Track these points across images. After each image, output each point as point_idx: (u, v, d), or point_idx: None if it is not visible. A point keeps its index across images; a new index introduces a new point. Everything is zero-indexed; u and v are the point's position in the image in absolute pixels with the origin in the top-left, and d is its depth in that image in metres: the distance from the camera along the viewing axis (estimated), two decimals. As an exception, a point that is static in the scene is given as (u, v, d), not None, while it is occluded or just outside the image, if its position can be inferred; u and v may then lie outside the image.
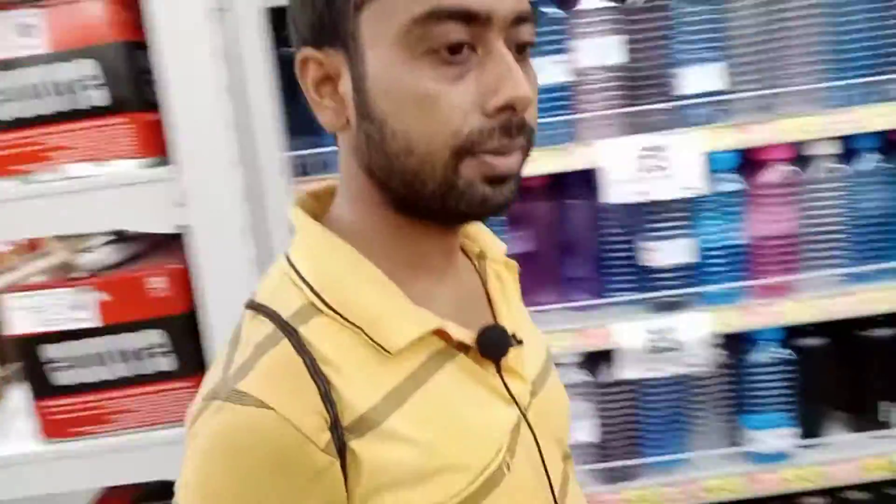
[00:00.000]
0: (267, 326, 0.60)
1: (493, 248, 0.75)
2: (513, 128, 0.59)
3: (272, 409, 0.55)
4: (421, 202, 0.61)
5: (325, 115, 0.63)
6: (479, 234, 0.76)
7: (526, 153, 0.62)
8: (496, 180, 0.60)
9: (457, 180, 0.59)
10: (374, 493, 0.57)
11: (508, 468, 0.63)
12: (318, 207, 0.70)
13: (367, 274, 0.63)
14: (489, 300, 0.72)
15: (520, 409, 0.66)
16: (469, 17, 0.56)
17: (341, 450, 0.57)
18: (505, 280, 0.74)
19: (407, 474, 0.58)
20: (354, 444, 0.57)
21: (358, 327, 0.60)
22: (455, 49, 0.56)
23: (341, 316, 0.61)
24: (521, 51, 0.61)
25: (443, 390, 0.62)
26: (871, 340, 1.51)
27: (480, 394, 0.64)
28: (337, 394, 0.57)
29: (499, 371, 0.65)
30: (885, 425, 1.51)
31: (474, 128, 0.57)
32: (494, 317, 0.70)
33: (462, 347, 0.64)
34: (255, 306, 0.63)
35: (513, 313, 0.71)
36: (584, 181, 1.43)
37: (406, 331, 0.61)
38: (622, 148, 1.37)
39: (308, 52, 0.62)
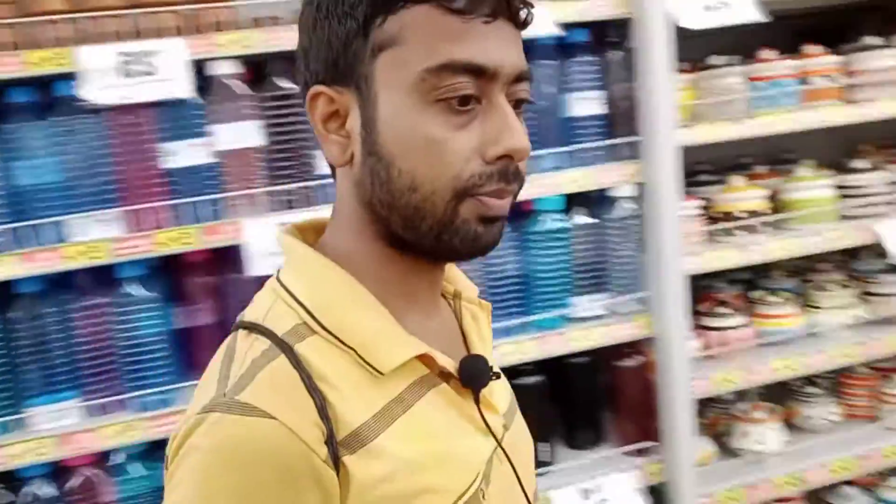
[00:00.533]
0: (263, 343, 0.62)
1: (467, 289, 0.80)
2: (509, 174, 0.64)
3: (276, 419, 0.56)
4: (417, 237, 0.65)
5: (331, 149, 0.67)
6: (456, 276, 0.80)
7: (515, 199, 0.68)
8: (488, 220, 0.65)
9: (455, 218, 0.64)
10: None
11: (484, 496, 0.66)
12: (306, 238, 0.72)
13: (361, 298, 0.66)
14: (464, 338, 0.76)
15: (496, 439, 0.70)
16: (479, 72, 0.61)
17: (336, 464, 0.59)
18: (479, 319, 0.78)
19: (392, 493, 0.60)
20: (346, 459, 0.59)
21: (351, 348, 0.63)
22: (464, 101, 0.62)
23: (335, 337, 0.63)
24: (518, 106, 0.66)
25: (427, 415, 0.65)
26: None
27: (459, 422, 0.68)
28: (332, 409, 0.60)
29: (476, 402, 0.68)
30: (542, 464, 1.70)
31: (475, 172, 0.63)
32: (468, 354, 0.73)
33: (444, 377, 0.68)
34: (247, 325, 0.64)
35: (487, 351, 0.76)
36: (234, 257, 1.49)
37: (397, 353, 0.64)
38: (265, 225, 1.47)
39: (320, 88, 0.66)
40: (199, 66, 1.45)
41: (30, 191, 1.44)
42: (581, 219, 1.74)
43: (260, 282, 0.71)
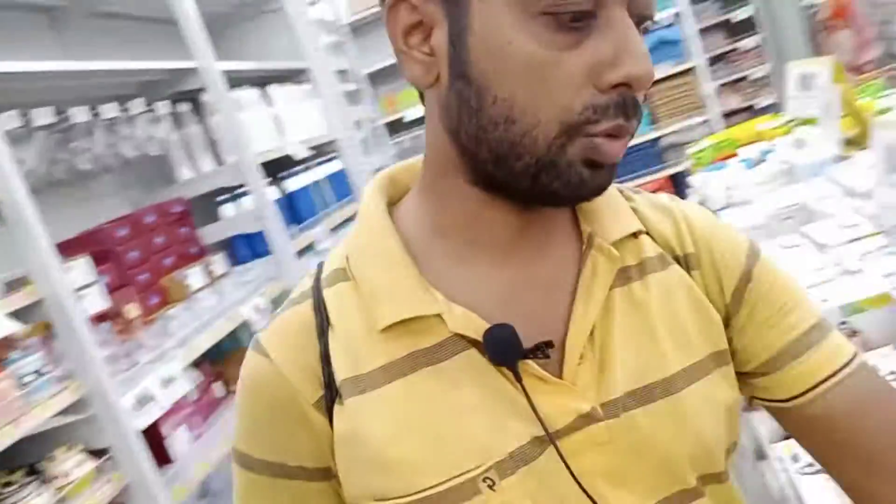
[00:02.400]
0: (307, 283, 0.65)
1: (608, 229, 0.62)
2: (629, 107, 0.52)
3: (271, 359, 0.61)
4: (508, 177, 0.55)
5: (412, 68, 0.56)
6: (598, 211, 0.64)
7: (630, 139, 0.55)
8: (597, 165, 0.53)
9: (559, 158, 0.52)
10: (344, 463, 0.60)
11: (493, 487, 0.56)
12: (403, 178, 0.67)
13: (385, 247, 0.61)
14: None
15: (545, 428, 0.56)
16: None
17: (331, 409, 0.60)
18: (599, 272, 0.61)
19: (364, 455, 0.58)
20: (336, 408, 0.59)
21: (364, 295, 0.61)
22: (578, 16, 0.50)
23: (358, 284, 0.62)
24: (638, 25, 0.53)
25: (436, 382, 0.58)
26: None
27: (485, 397, 0.57)
28: (335, 356, 0.60)
29: (519, 379, 0.56)
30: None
31: (589, 104, 0.51)
32: (569, 318, 0.59)
33: (477, 341, 0.58)
34: (321, 262, 0.67)
35: (588, 316, 0.59)
36: None
37: (393, 311, 0.58)
38: None
39: None
40: None
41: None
42: None
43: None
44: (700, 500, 0.61)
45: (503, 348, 0.56)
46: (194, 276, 2.43)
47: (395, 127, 5.42)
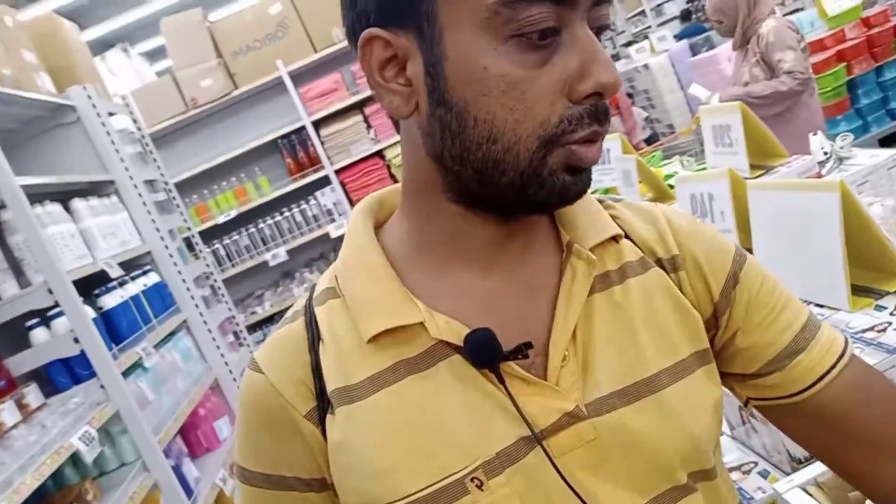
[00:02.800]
0: (301, 302, 0.68)
1: (585, 236, 0.65)
2: (600, 113, 0.55)
3: (264, 374, 0.64)
4: (494, 192, 0.57)
5: (391, 100, 0.58)
6: (577, 219, 0.66)
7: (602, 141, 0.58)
8: (578, 170, 0.56)
9: (541, 170, 0.55)
10: (338, 471, 0.61)
11: (481, 486, 0.57)
12: (389, 202, 0.70)
13: (367, 263, 0.63)
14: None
15: (530, 427, 0.57)
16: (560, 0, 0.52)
17: (323, 420, 0.61)
18: (578, 276, 0.63)
19: (356, 462, 0.59)
20: (328, 418, 0.61)
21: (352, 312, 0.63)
22: (544, 34, 0.53)
23: (345, 299, 0.64)
24: (598, 34, 0.56)
25: (422, 388, 0.59)
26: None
27: (469, 401, 0.59)
28: (326, 369, 0.62)
29: (501, 381, 0.58)
30: None
31: (564, 116, 0.54)
32: (552, 322, 0.61)
33: (460, 347, 0.59)
34: (314, 284, 0.70)
35: (570, 319, 0.61)
36: None
37: (377, 322, 0.60)
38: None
39: (374, 31, 0.57)
40: None
41: None
42: None
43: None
44: (692, 497, 0.62)
45: (484, 351, 0.58)
46: (5, 412, 2.16)
47: (210, 234, 5.25)
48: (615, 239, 0.66)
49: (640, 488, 0.60)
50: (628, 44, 9.65)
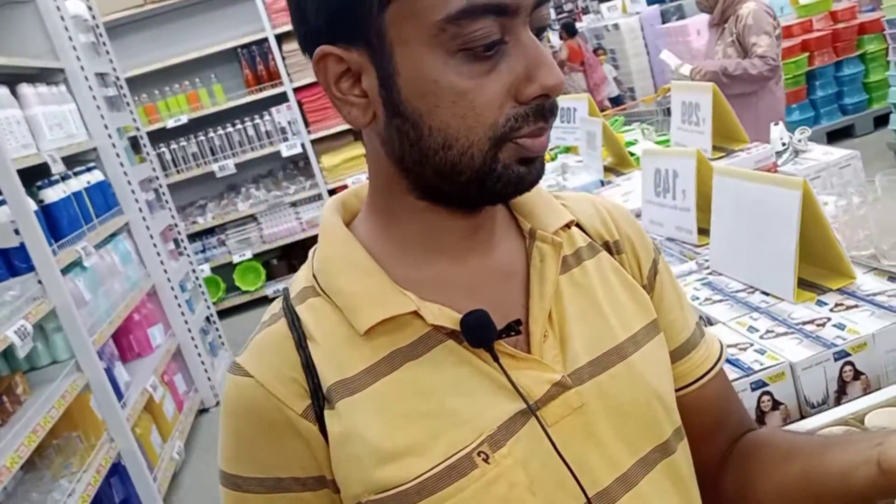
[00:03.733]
0: (277, 305, 0.68)
1: (546, 223, 0.69)
2: (546, 111, 0.59)
3: (252, 376, 0.63)
4: (455, 188, 0.61)
5: (349, 111, 0.61)
6: (534, 208, 0.71)
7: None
8: (529, 160, 0.60)
9: (495, 165, 0.59)
10: (342, 464, 0.61)
11: (487, 460, 0.60)
12: (353, 204, 0.72)
13: (353, 260, 0.65)
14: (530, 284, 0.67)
15: (525, 400, 0.61)
16: (501, 10, 0.55)
17: (320, 416, 0.62)
18: (546, 260, 0.67)
19: (365, 451, 0.60)
20: (326, 413, 0.61)
21: (338, 307, 0.63)
22: (490, 46, 0.56)
23: (328, 296, 0.64)
24: (538, 35, 0.60)
25: (420, 374, 0.62)
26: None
27: (470, 380, 0.62)
28: (319, 366, 0.62)
29: (496, 359, 0.61)
30: None
31: (510, 116, 0.57)
32: (528, 302, 0.66)
33: (453, 332, 0.62)
34: (283, 290, 0.70)
35: (545, 297, 0.65)
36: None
37: (372, 314, 0.62)
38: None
39: (326, 48, 0.59)
40: None
41: None
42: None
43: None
44: (673, 457, 0.68)
45: (480, 331, 0.61)
46: (-63, 296, 2.10)
47: (158, 136, 5.10)
48: (567, 226, 0.70)
49: (629, 450, 0.65)
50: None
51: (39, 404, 2.24)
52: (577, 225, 0.72)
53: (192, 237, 5.21)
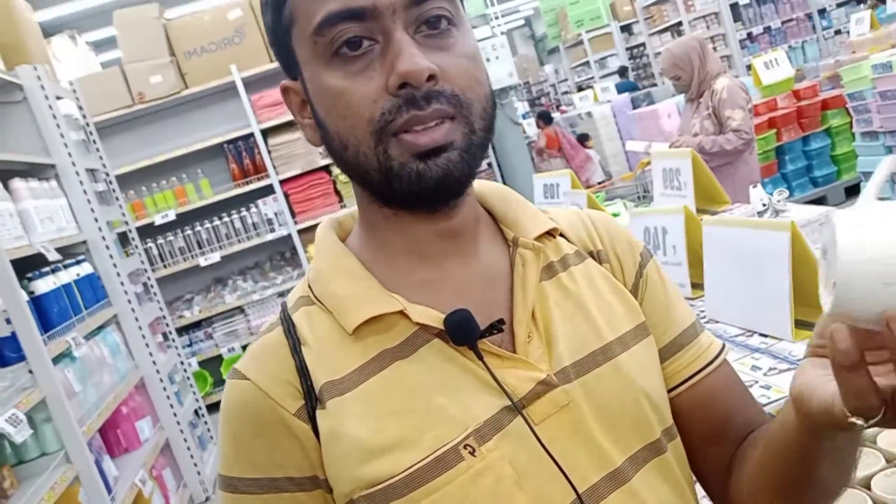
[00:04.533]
0: (275, 317, 0.71)
1: (527, 230, 0.72)
2: (418, 99, 0.60)
3: (249, 379, 0.66)
4: (379, 191, 0.65)
5: (307, 132, 0.69)
6: (517, 218, 0.73)
7: (468, 122, 0.63)
8: (426, 154, 0.61)
9: (390, 162, 0.62)
10: (332, 461, 0.63)
11: (473, 453, 0.62)
12: (351, 221, 0.76)
13: (344, 267, 0.69)
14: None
15: (509, 396, 0.63)
16: (359, 15, 0.60)
17: (313, 416, 0.64)
18: (528, 264, 0.70)
19: (355, 448, 0.62)
20: (319, 412, 0.64)
21: (331, 312, 0.67)
22: (353, 45, 0.61)
23: (321, 303, 0.68)
24: (436, 26, 0.62)
25: (408, 372, 0.64)
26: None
27: (456, 378, 0.64)
28: (312, 368, 0.65)
29: (480, 357, 0.63)
30: None
31: (385, 108, 0.61)
32: (512, 305, 0.68)
33: (440, 332, 0.65)
34: (284, 300, 0.74)
35: (528, 300, 0.68)
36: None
37: (359, 313, 0.65)
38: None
39: (285, 82, 0.69)
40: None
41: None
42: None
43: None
44: (665, 456, 0.69)
45: (463, 329, 0.64)
46: (-74, 388, 2.07)
47: (146, 231, 5.13)
48: (552, 234, 0.74)
49: (619, 447, 0.67)
50: (578, 89, 10.00)
51: (27, 497, 2.17)
52: (562, 235, 0.75)
53: (180, 331, 5.16)
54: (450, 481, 0.61)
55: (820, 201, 5.35)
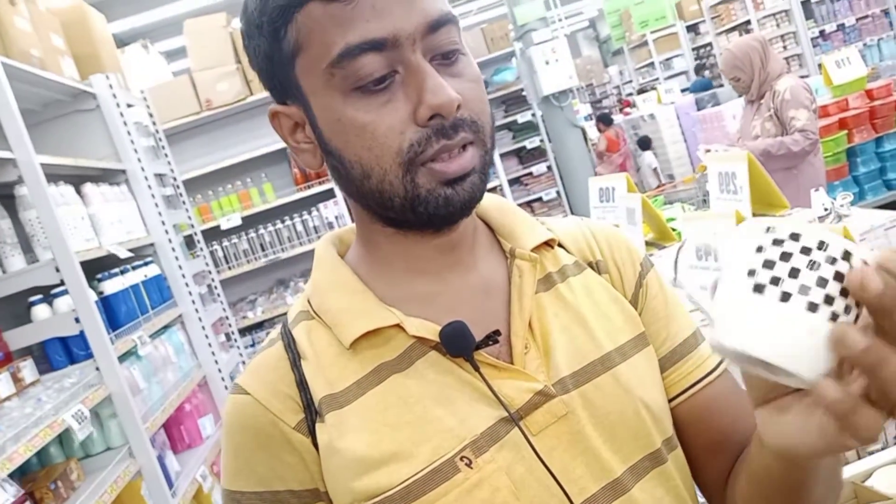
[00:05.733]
0: (276, 330, 0.73)
1: (524, 242, 0.72)
2: (448, 129, 0.61)
3: (249, 394, 0.67)
4: (396, 215, 0.65)
5: (304, 157, 0.69)
6: (514, 229, 0.74)
7: (483, 144, 0.64)
8: (453, 181, 0.63)
9: (418, 190, 0.62)
10: (331, 474, 0.64)
11: (470, 465, 0.62)
12: (351, 236, 0.76)
13: (341, 281, 0.70)
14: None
15: (506, 407, 0.64)
16: (379, 46, 0.59)
17: (313, 430, 0.65)
18: (525, 276, 0.70)
19: (353, 460, 0.63)
20: (318, 426, 0.65)
21: (329, 326, 0.68)
22: (378, 80, 0.61)
23: (320, 318, 0.69)
24: (448, 57, 0.63)
25: (405, 384, 0.65)
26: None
27: (453, 390, 0.64)
28: (311, 382, 0.66)
29: (477, 368, 0.64)
30: None
31: (413, 140, 0.61)
32: (509, 317, 0.69)
33: (437, 345, 0.66)
34: (285, 315, 0.75)
35: (525, 311, 0.68)
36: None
37: (356, 327, 0.66)
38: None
39: (274, 107, 0.68)
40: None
41: None
42: None
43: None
44: (665, 466, 0.69)
45: (458, 341, 0.64)
46: (1, 383, 2.18)
47: (211, 235, 5.29)
48: (551, 245, 0.74)
49: (619, 457, 0.66)
50: (640, 91, 9.85)
51: (92, 490, 2.26)
52: (561, 245, 0.75)
53: (243, 331, 5.31)
54: (446, 493, 0.62)
55: (894, 204, 5.12)
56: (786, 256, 0.47)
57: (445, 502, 0.62)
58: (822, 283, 0.46)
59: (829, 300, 0.46)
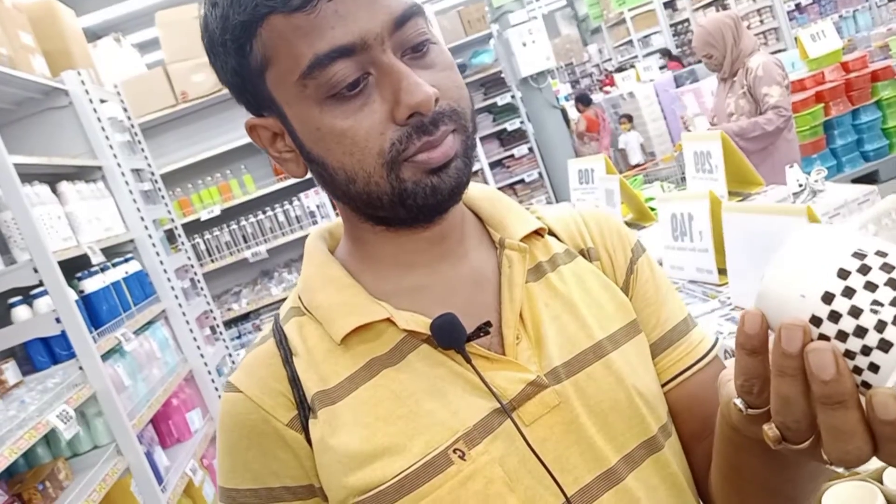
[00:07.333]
0: (268, 328, 0.73)
1: (513, 232, 0.72)
2: (427, 125, 0.61)
3: (242, 392, 0.67)
4: (386, 213, 0.65)
5: (288, 166, 0.68)
6: (503, 219, 0.73)
7: (465, 129, 0.64)
8: (438, 169, 0.62)
9: (404, 184, 0.62)
10: (325, 469, 0.64)
11: (463, 457, 0.62)
12: (340, 231, 0.76)
13: (331, 277, 0.70)
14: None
15: (498, 399, 0.63)
16: (348, 51, 0.59)
17: (306, 426, 0.65)
18: (514, 265, 0.70)
19: (346, 455, 0.63)
20: (311, 422, 0.65)
21: (320, 322, 0.68)
22: (351, 86, 0.60)
23: (311, 313, 0.69)
24: (419, 50, 0.62)
25: (397, 378, 0.65)
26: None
27: (442, 382, 0.65)
28: (303, 379, 0.66)
29: (468, 360, 0.64)
30: None
31: (394, 139, 0.61)
32: (500, 307, 0.68)
33: (428, 338, 0.65)
34: (276, 312, 0.75)
35: (515, 301, 0.68)
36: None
37: (346, 322, 0.66)
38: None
39: (251, 119, 0.68)
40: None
41: None
42: None
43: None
44: (661, 453, 0.69)
45: (449, 333, 0.64)
46: (-17, 386, 2.17)
47: (192, 228, 5.26)
48: (541, 234, 0.73)
49: (613, 446, 0.66)
50: (618, 70, 9.84)
51: (80, 489, 2.27)
52: (552, 233, 0.75)
53: (228, 324, 5.30)
54: (439, 486, 0.62)
55: (871, 176, 5.17)
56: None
57: (439, 495, 0.62)
58: None
59: None
